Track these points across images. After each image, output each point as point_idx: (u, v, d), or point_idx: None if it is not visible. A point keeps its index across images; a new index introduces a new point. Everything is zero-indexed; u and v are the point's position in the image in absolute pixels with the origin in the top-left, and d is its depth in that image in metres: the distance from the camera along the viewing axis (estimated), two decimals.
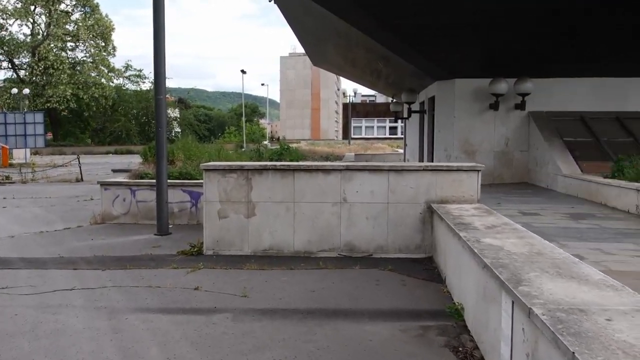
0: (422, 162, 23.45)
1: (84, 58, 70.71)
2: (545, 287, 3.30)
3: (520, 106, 18.41)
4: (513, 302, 3.28)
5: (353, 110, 75.23)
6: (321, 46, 24.72)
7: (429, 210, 7.73)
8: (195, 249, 8.04)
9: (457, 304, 5.38)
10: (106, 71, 71.27)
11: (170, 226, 10.12)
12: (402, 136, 35.76)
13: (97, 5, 70.34)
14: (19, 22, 67.95)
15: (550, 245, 4.81)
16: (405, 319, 5.27)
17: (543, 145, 17.39)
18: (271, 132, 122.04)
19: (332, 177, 7.83)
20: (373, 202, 7.80)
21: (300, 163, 8.84)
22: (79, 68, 68.71)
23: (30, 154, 38.11)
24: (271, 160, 17.52)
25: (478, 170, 7.86)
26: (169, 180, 10.34)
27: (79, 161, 24.89)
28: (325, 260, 7.46)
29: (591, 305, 2.89)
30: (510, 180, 18.46)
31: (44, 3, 66.02)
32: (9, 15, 66.20)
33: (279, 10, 19.57)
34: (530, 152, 18.53)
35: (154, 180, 10.47)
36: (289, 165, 8.09)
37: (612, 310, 2.78)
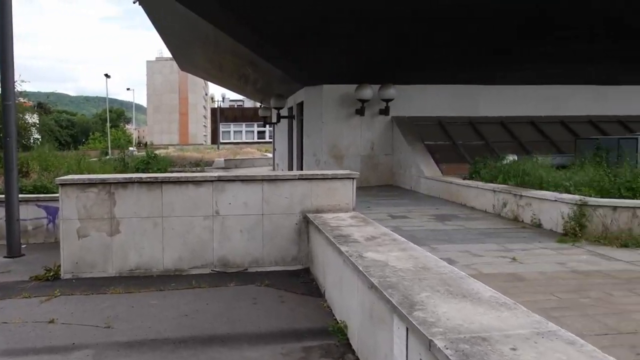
0: (292, 166, 23.43)
1: None
2: (440, 311, 3.16)
3: (385, 111, 18.91)
4: (407, 329, 3.10)
5: (222, 115, 74.05)
6: (188, 50, 23.94)
7: (305, 221, 7.53)
8: (52, 273, 7.21)
9: (339, 322, 5.19)
10: None
11: (23, 246, 9.08)
12: (271, 140, 35.64)
13: None
14: None
15: (433, 258, 4.75)
16: (286, 341, 4.99)
17: (406, 149, 17.96)
18: (138, 137, 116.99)
19: (203, 188, 7.38)
20: (247, 214, 7.46)
21: (169, 175, 8.29)
22: None
23: None
24: (137, 170, 16.58)
25: (353, 178, 7.78)
26: (21, 195, 9.29)
27: None
28: (198, 278, 7.00)
29: (492, 330, 2.77)
30: (377, 183, 18.90)
31: None
32: None
33: (144, 14, 18.63)
34: (395, 155, 19.09)
35: (2, 196, 9.37)
36: (156, 177, 7.53)
37: (514, 337, 2.68)
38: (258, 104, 33.60)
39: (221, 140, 74.10)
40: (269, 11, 14.10)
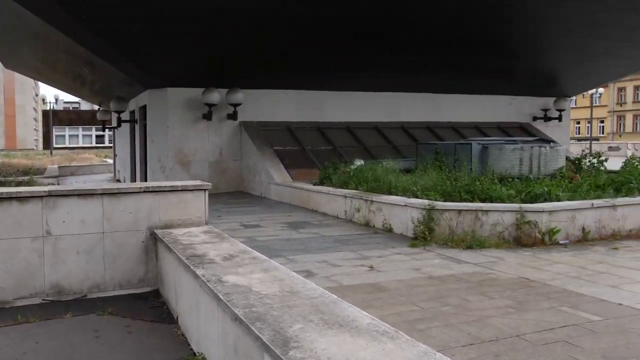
0: (135, 173, 22.07)
1: None
2: (319, 348, 2.80)
3: (233, 116, 18.41)
4: None
5: (55, 118, 68.74)
6: (15, 47, 21.61)
7: (153, 238, 6.85)
8: None
9: (197, 353, 4.66)
10: None
11: None
12: (111, 145, 33.52)
13: None
14: None
15: (300, 280, 4.40)
16: None
17: (255, 154, 17.62)
18: None
19: (30, 205, 6.42)
20: (85, 233, 6.62)
21: None
22: None
23: None
24: None
25: (205, 189, 7.24)
26: None
27: None
28: (25, 311, 6.04)
29: None
30: (226, 190, 18.32)
31: None
32: None
33: None
34: (243, 161, 18.66)
35: None
36: None
37: None
38: (96, 107, 31.41)
39: (55, 145, 68.88)
40: (105, 9, 13.03)
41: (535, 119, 23.48)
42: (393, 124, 20.64)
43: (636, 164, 13.60)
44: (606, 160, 15.56)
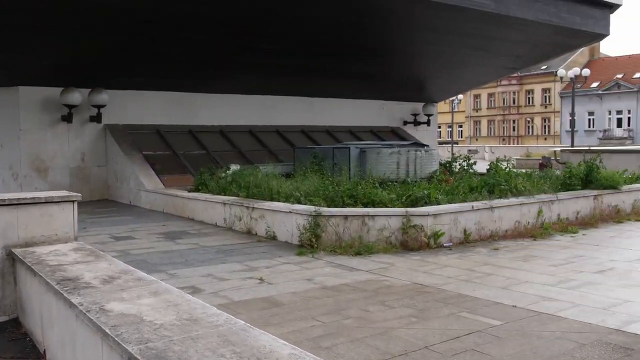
0: None
1: None
2: None
3: (96, 118, 17.06)
4: None
5: None
6: None
7: (10, 259, 5.89)
8: None
9: None
10: None
11: None
12: None
13: None
14: None
15: (199, 304, 3.82)
16: None
17: (123, 160, 16.44)
18: None
19: None
20: None
21: None
22: None
23: None
24: None
25: (73, 201, 6.36)
26: None
27: None
28: None
29: None
30: (90, 198, 16.92)
31: None
32: None
33: None
34: (109, 166, 17.37)
35: None
36: None
37: None
38: None
39: None
40: None
41: (405, 123, 24.19)
42: (268, 127, 20.25)
43: (503, 166, 14.26)
44: (475, 163, 16.24)
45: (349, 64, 18.78)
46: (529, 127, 68.16)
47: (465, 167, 15.45)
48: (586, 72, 34.36)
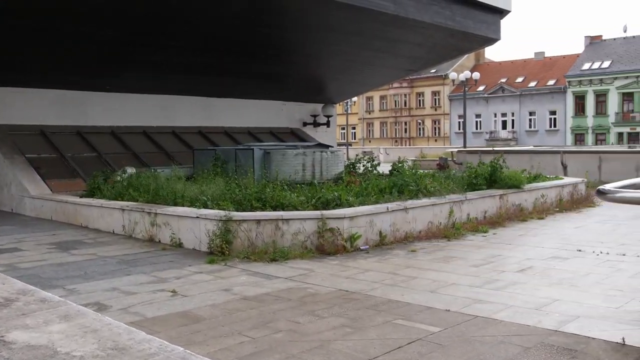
0: None
1: None
2: None
3: None
4: None
5: None
6: None
7: None
8: None
9: None
10: None
11: None
12: None
13: None
14: None
15: (123, 328, 3.20)
16: None
17: (3, 164, 14.93)
18: None
19: None
20: None
21: None
22: None
23: None
24: None
25: None
26: None
27: None
28: None
29: None
30: None
31: None
32: None
33: None
34: None
35: None
36: None
37: None
38: None
39: None
40: None
41: (305, 124, 23.95)
42: (163, 128, 19.25)
43: (406, 167, 14.33)
44: (379, 164, 16.25)
45: (247, 63, 18.24)
46: (420, 129, 70.52)
47: (369, 169, 15.41)
48: (476, 75, 35.91)
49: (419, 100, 70.20)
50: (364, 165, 15.61)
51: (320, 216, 9.11)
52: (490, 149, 26.59)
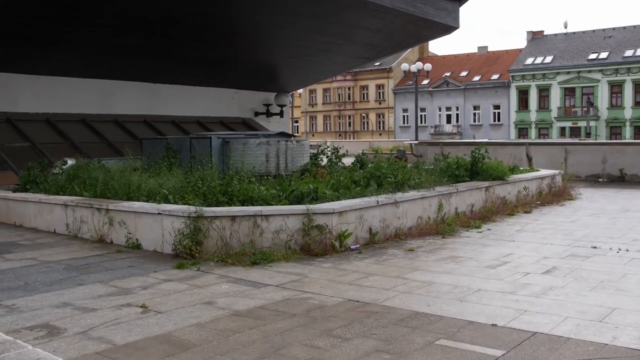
0: None
1: None
2: None
3: None
4: None
5: None
6: None
7: None
8: None
9: None
10: None
11: None
12: None
13: None
14: None
15: None
16: None
17: None
18: None
19: None
20: None
21: None
22: None
23: None
24: None
25: None
26: None
27: None
28: None
29: None
30: None
31: None
32: None
33: None
34: None
35: None
36: None
37: None
38: None
39: None
40: None
41: (257, 114, 22.51)
42: (105, 116, 17.43)
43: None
44: (344, 156, 15.14)
45: (192, 48, 16.74)
46: (364, 122, 69.78)
47: (334, 160, 14.30)
48: (428, 66, 35.30)
49: (363, 93, 69.48)
50: (327, 157, 14.48)
51: (306, 211, 7.85)
52: (453, 141, 25.97)
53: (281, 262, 7.22)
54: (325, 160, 14.42)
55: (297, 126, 73.13)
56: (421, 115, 63.15)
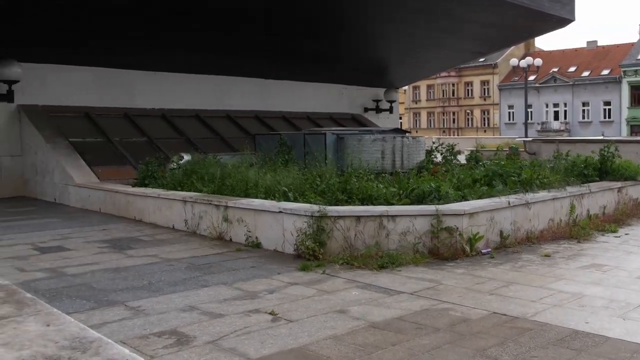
0: None
1: None
2: None
3: (7, 97, 13.85)
4: None
5: None
6: None
7: None
8: None
9: None
10: None
11: None
12: None
13: None
14: None
15: None
16: None
17: (45, 148, 13.46)
18: None
19: None
20: None
21: None
22: None
23: None
24: None
25: None
26: None
27: None
28: None
29: None
30: (1, 195, 13.80)
31: None
32: None
33: None
34: (26, 157, 14.30)
35: None
36: None
37: None
38: None
39: None
40: None
41: (366, 110, 22.06)
42: (217, 112, 17.59)
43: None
44: (459, 153, 14.40)
45: (304, 43, 16.46)
46: (468, 119, 67.73)
47: (449, 157, 13.60)
48: (538, 61, 33.50)
49: (468, 89, 67.37)
50: (441, 154, 13.81)
51: (436, 212, 7.27)
52: (570, 138, 24.29)
53: (410, 266, 6.70)
54: (439, 157, 13.78)
55: (401, 122, 71.99)
56: (527, 112, 60.28)
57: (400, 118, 71.69)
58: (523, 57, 55.59)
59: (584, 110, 58.61)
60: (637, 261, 6.97)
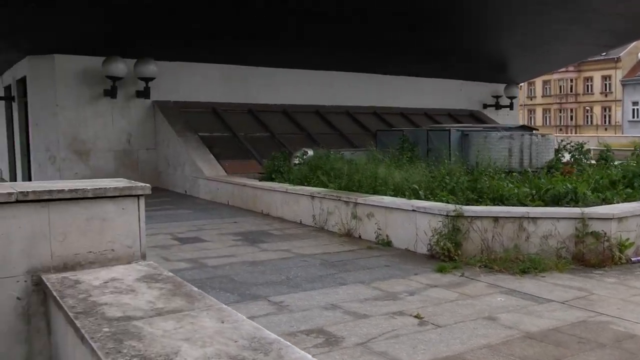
0: (15, 167, 17.60)
1: None
2: None
3: (144, 94, 14.64)
4: None
5: None
6: None
7: (40, 291, 3.43)
8: None
9: None
10: None
11: None
12: None
13: None
14: None
15: None
16: None
17: (176, 142, 14.06)
18: None
19: None
20: None
21: None
22: None
23: None
24: None
25: (139, 195, 3.89)
26: None
27: None
28: None
29: None
30: None
31: None
32: None
33: None
34: (160, 150, 15.00)
35: None
36: None
37: None
38: None
39: None
40: None
41: (485, 106, 21.32)
42: (336, 108, 17.63)
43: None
44: (589, 152, 13.54)
45: (422, 38, 16.02)
46: (587, 116, 63.89)
47: (578, 157, 12.84)
48: None
49: (587, 85, 63.42)
50: (569, 153, 13.08)
51: (581, 215, 6.79)
52: None
53: (553, 272, 6.30)
54: (567, 156, 13.06)
55: None
56: None
57: None
58: None
59: None
60: None
